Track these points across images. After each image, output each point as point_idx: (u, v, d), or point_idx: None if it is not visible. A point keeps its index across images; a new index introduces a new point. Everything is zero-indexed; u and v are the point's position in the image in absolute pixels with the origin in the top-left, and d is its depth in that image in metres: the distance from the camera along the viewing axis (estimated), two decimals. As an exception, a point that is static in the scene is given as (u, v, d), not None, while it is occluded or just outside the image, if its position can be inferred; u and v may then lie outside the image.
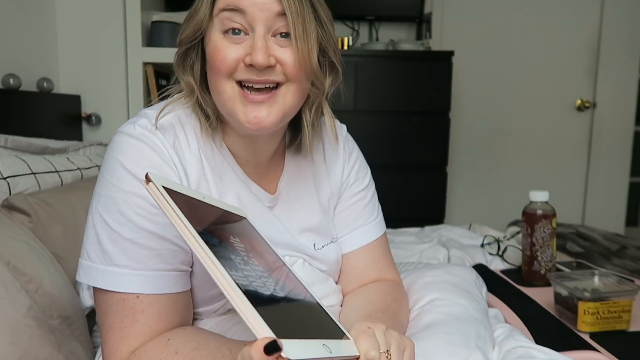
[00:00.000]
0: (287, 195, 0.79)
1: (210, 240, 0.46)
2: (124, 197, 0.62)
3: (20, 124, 1.48)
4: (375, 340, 0.52)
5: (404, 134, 2.26)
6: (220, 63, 0.63)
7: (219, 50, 0.63)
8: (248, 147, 0.73)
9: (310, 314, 0.53)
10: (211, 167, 0.70)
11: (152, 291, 0.62)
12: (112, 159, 0.64)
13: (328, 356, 0.45)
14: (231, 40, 0.63)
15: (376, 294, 0.79)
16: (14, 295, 0.73)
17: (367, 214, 0.85)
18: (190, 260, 0.68)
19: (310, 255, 0.78)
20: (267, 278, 0.50)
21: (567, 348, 0.84)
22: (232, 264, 0.46)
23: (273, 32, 0.63)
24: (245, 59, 0.62)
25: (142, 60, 1.96)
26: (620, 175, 2.87)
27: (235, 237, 0.54)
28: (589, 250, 1.58)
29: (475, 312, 0.81)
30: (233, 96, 0.64)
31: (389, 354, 0.53)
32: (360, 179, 0.86)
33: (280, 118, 0.66)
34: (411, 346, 0.56)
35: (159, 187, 0.46)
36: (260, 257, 0.55)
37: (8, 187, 1.03)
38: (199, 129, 0.70)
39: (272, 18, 0.62)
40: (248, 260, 0.50)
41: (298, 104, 0.69)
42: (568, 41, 2.78)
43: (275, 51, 0.63)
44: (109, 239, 0.62)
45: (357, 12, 2.60)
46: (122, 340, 0.62)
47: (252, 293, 0.43)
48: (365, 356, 0.50)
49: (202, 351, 0.59)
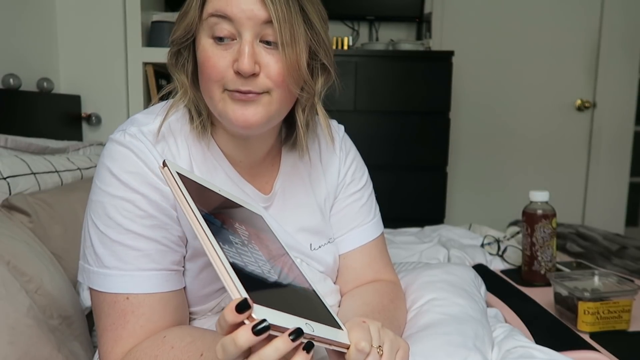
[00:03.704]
0: (282, 195, 0.79)
1: (212, 220, 0.49)
2: (111, 202, 0.64)
3: (20, 124, 1.48)
4: (369, 334, 0.53)
5: (404, 134, 2.26)
6: (211, 70, 0.64)
7: (209, 58, 0.64)
8: (240, 147, 0.73)
9: (305, 300, 0.53)
10: (202, 172, 0.71)
11: (141, 291, 0.63)
12: (101, 165, 0.66)
13: (310, 334, 0.45)
14: (220, 46, 0.64)
15: (372, 294, 0.79)
16: (14, 295, 0.73)
17: (363, 215, 0.85)
18: (182, 260, 0.68)
19: (307, 255, 0.78)
20: (264, 262, 0.52)
21: (567, 348, 0.84)
22: (228, 241, 0.49)
23: (261, 37, 0.64)
24: (233, 65, 0.63)
25: (142, 60, 1.96)
26: (620, 175, 2.87)
27: (241, 224, 0.56)
28: (589, 250, 1.58)
29: (474, 311, 0.81)
30: (224, 99, 0.65)
31: (381, 350, 0.53)
32: (357, 180, 0.86)
33: (266, 119, 0.66)
34: (405, 348, 0.57)
35: (173, 172, 0.51)
36: (264, 247, 0.56)
37: (8, 187, 1.03)
38: (189, 134, 0.71)
39: (259, 25, 0.63)
40: (248, 244, 0.53)
41: (286, 108, 0.69)
42: (568, 41, 2.79)
43: (262, 57, 0.64)
44: (99, 242, 0.64)
45: (357, 12, 2.60)
46: (116, 341, 0.63)
47: (241, 266, 0.46)
48: (355, 346, 0.51)
49: (198, 343, 0.59)
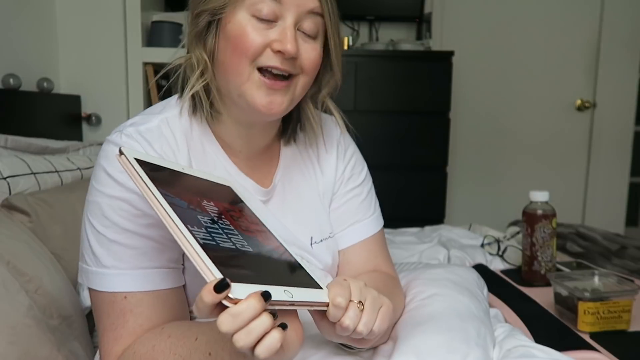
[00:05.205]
0: (282, 189, 0.79)
1: (176, 202, 0.49)
2: (107, 201, 0.64)
3: (20, 124, 1.48)
4: (348, 290, 0.53)
5: (404, 134, 2.25)
6: (247, 46, 0.64)
7: (247, 33, 0.64)
8: (243, 137, 0.74)
9: (281, 267, 0.53)
10: (200, 167, 0.71)
11: (139, 289, 0.64)
12: (97, 165, 0.67)
13: (289, 300, 0.45)
14: (259, 24, 0.65)
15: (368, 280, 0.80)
16: (14, 295, 0.73)
17: (363, 210, 0.86)
18: (180, 258, 0.69)
19: (306, 250, 0.78)
20: (236, 236, 0.52)
21: (567, 348, 0.84)
22: (197, 221, 0.48)
23: (299, 26, 0.66)
24: (273, 45, 0.64)
25: (142, 60, 1.96)
26: (620, 175, 2.87)
27: (210, 200, 0.56)
28: (589, 250, 1.58)
29: (477, 310, 0.81)
30: (251, 79, 0.65)
31: (362, 305, 0.53)
32: (356, 175, 0.87)
33: (289, 106, 0.69)
34: (389, 305, 0.58)
35: (130, 159, 0.50)
36: (235, 220, 0.56)
37: (8, 187, 1.03)
38: (188, 130, 0.71)
39: (304, 13, 0.66)
40: (217, 221, 0.52)
41: (302, 95, 0.72)
42: (568, 41, 2.78)
43: (300, 44, 0.66)
44: (97, 242, 0.64)
45: (357, 12, 2.60)
46: (116, 340, 0.63)
47: (212, 245, 0.45)
48: (332, 302, 0.51)
49: (193, 329, 0.60)
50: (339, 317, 0.53)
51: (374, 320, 0.55)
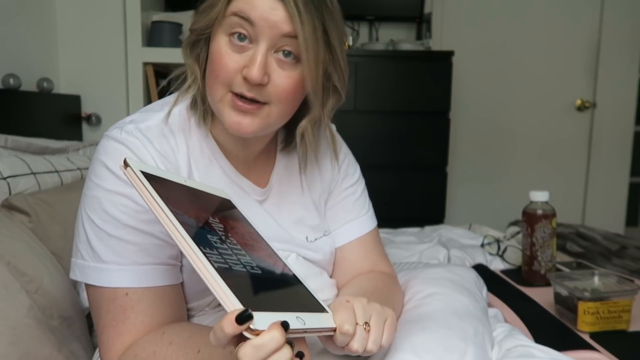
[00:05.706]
0: (278, 188, 0.80)
1: (186, 220, 0.48)
2: (107, 196, 0.63)
3: (20, 124, 1.48)
4: (352, 314, 0.53)
5: (404, 134, 2.25)
6: (220, 70, 0.64)
7: (222, 57, 0.64)
8: (237, 143, 0.74)
9: (288, 289, 0.54)
10: (198, 167, 0.71)
11: (140, 285, 0.63)
12: (96, 160, 0.66)
13: (302, 328, 0.45)
14: (234, 47, 0.64)
15: (367, 280, 0.81)
16: (14, 296, 0.73)
17: (358, 208, 0.87)
18: (179, 255, 0.69)
19: (303, 247, 0.79)
20: (245, 257, 0.52)
21: (567, 348, 0.84)
22: (208, 242, 0.48)
23: (277, 48, 0.64)
24: (243, 71, 0.63)
25: (142, 60, 1.96)
26: (620, 175, 2.87)
27: (215, 217, 0.56)
28: (589, 250, 1.58)
29: (475, 309, 0.81)
30: (224, 100, 0.66)
31: (367, 326, 0.54)
32: (350, 175, 0.89)
33: (261, 129, 0.67)
34: (393, 316, 0.58)
35: (137, 172, 0.48)
36: (240, 236, 0.56)
37: (8, 187, 1.03)
38: (187, 129, 0.72)
39: (279, 37, 0.63)
40: (226, 240, 0.52)
41: (283, 121, 0.70)
42: (568, 41, 2.78)
43: (273, 70, 0.64)
44: (96, 237, 0.64)
45: (357, 12, 2.60)
46: (116, 337, 0.63)
47: (226, 270, 0.45)
48: (339, 330, 0.51)
49: (196, 339, 0.60)
50: (347, 343, 0.53)
51: (381, 337, 0.56)
